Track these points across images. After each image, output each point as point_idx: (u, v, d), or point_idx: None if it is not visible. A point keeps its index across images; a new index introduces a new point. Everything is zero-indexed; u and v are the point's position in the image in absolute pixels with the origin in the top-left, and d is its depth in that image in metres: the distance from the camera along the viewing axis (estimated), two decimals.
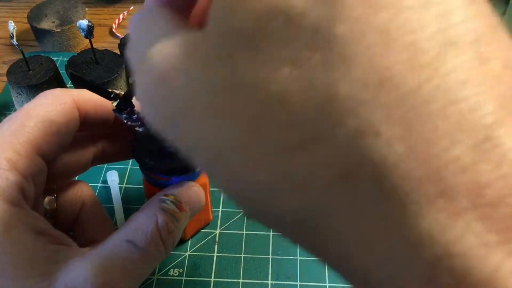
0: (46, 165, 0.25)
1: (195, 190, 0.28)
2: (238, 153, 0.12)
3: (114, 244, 0.23)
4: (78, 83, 0.45)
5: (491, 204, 0.10)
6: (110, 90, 0.27)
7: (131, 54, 0.16)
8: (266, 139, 0.12)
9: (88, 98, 0.27)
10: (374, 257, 0.11)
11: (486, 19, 0.12)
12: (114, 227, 0.31)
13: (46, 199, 0.28)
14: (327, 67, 0.11)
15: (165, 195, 0.26)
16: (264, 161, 0.12)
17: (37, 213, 0.23)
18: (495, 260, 0.10)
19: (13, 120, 0.24)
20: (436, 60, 0.11)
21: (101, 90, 0.27)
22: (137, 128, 0.26)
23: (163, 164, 0.28)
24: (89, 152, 0.30)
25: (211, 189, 0.42)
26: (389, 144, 0.11)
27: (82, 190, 0.30)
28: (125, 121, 0.26)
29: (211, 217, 0.39)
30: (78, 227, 0.30)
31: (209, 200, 0.37)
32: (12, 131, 0.23)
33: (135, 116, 0.26)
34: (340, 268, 0.13)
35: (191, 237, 0.38)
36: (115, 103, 0.26)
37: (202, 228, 0.39)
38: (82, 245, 0.28)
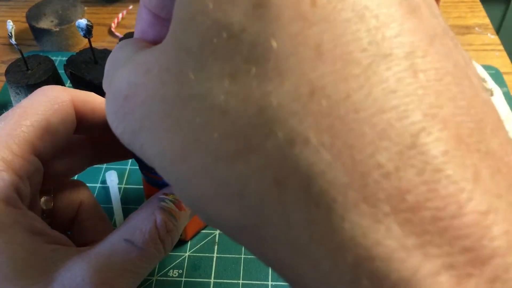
0: (42, 165, 0.25)
1: None
2: (184, 163, 0.13)
3: (112, 243, 0.23)
4: (78, 83, 0.45)
5: (412, 208, 0.11)
6: None
7: (104, 82, 0.17)
8: (208, 149, 0.12)
9: (86, 100, 0.27)
10: (306, 263, 0.12)
11: (426, 30, 0.12)
12: (113, 227, 0.30)
13: (43, 198, 0.28)
14: (262, 80, 0.12)
15: (165, 194, 0.26)
16: (206, 171, 0.13)
17: (33, 213, 0.23)
18: (413, 263, 0.10)
19: (9, 119, 0.24)
20: (367, 71, 0.11)
21: (100, 90, 0.27)
22: None
23: None
24: (86, 152, 0.30)
25: None
26: (317, 152, 0.11)
27: (80, 190, 0.30)
28: None
29: None
30: (76, 227, 0.29)
31: None
32: (8, 131, 0.23)
33: None
34: (282, 274, 0.13)
35: (192, 237, 0.38)
36: None
37: (203, 229, 0.39)
38: (80, 245, 0.28)
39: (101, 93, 0.27)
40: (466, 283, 0.10)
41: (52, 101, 0.25)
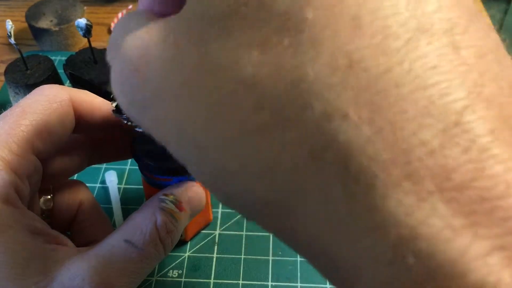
0: (41, 164, 0.25)
1: (195, 190, 0.28)
2: (207, 134, 0.12)
3: (112, 243, 0.23)
4: (77, 83, 0.45)
5: (458, 188, 0.10)
6: (110, 91, 0.26)
7: (109, 50, 0.16)
8: (234, 121, 0.12)
9: (84, 99, 0.26)
10: (340, 240, 0.12)
11: (463, 8, 0.12)
12: (113, 228, 0.30)
13: (42, 198, 0.28)
14: (296, 51, 0.11)
15: (165, 194, 0.26)
16: (231, 143, 0.12)
17: (33, 212, 0.23)
18: (461, 244, 0.10)
19: (8, 118, 0.24)
20: (407, 46, 0.11)
21: (100, 90, 0.27)
22: (137, 129, 0.26)
23: (163, 165, 0.28)
24: (85, 152, 0.30)
25: None
26: (357, 127, 0.11)
27: (79, 190, 0.30)
28: (125, 122, 0.25)
29: (211, 217, 0.39)
30: (75, 227, 0.29)
31: (209, 200, 0.36)
32: (7, 130, 0.23)
33: None
34: (309, 254, 0.13)
35: (192, 238, 0.38)
36: (114, 104, 0.26)
37: (203, 229, 0.39)
38: (80, 245, 0.28)
39: (101, 93, 0.27)
40: None
41: (51, 100, 0.25)
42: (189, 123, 0.13)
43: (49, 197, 0.28)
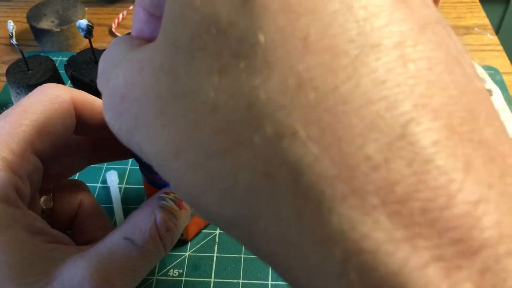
0: (41, 164, 0.25)
1: None
2: (178, 159, 0.13)
3: (112, 242, 0.23)
4: (78, 84, 0.45)
5: (401, 200, 0.11)
6: None
7: (99, 79, 0.17)
8: (200, 144, 0.12)
9: (85, 99, 0.26)
10: (296, 256, 0.12)
11: (416, 19, 0.12)
12: (113, 227, 0.30)
13: (43, 198, 0.28)
14: (251, 74, 0.11)
15: (165, 193, 0.26)
16: (199, 166, 0.13)
17: (33, 212, 0.23)
18: (401, 256, 0.10)
19: (9, 117, 0.24)
20: (355, 62, 0.11)
21: (99, 93, 0.27)
22: None
23: None
24: (85, 152, 0.30)
25: None
26: (305, 145, 0.11)
27: (80, 189, 0.30)
28: None
29: None
30: (76, 227, 0.29)
31: None
32: (8, 130, 0.23)
33: None
34: (275, 268, 0.13)
35: (193, 238, 0.38)
36: None
37: (204, 229, 0.39)
38: (80, 244, 0.28)
39: (102, 96, 0.27)
40: (455, 275, 0.10)
41: (52, 100, 0.25)
42: (164, 148, 0.13)
43: (49, 196, 0.28)
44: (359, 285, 0.11)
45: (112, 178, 0.42)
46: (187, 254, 0.37)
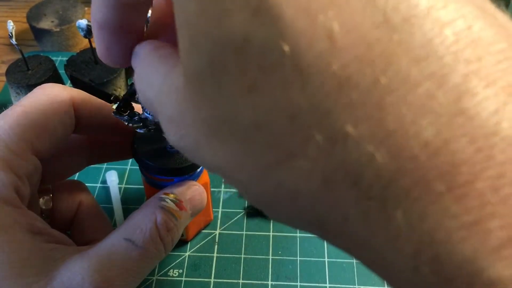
0: (41, 164, 0.25)
1: (196, 189, 0.28)
2: (240, 172, 0.14)
3: (112, 242, 0.23)
4: (78, 85, 0.45)
5: (468, 182, 0.10)
6: (110, 93, 0.27)
7: (141, 100, 0.18)
8: (256, 159, 0.13)
9: (85, 99, 0.26)
10: (368, 254, 0.12)
11: None
12: (113, 227, 0.30)
13: (42, 199, 0.28)
14: (284, 85, 0.11)
15: (165, 193, 0.26)
16: (261, 177, 0.13)
17: (33, 212, 0.23)
18: (475, 241, 0.10)
19: (8, 117, 0.24)
20: (389, 47, 0.10)
21: (100, 92, 0.27)
22: (138, 130, 0.26)
23: (164, 165, 0.28)
24: (84, 152, 0.30)
25: (211, 189, 0.42)
26: (359, 145, 0.11)
27: (79, 189, 0.30)
28: (127, 123, 0.26)
29: (212, 217, 0.39)
30: (75, 227, 0.29)
31: (210, 199, 0.37)
32: (7, 130, 0.23)
33: (136, 118, 0.25)
34: (359, 261, 0.13)
35: (193, 238, 0.38)
36: (115, 106, 0.26)
37: (204, 229, 0.39)
38: (80, 244, 0.28)
39: (101, 93, 0.27)
40: None
41: (52, 100, 0.25)
42: (227, 164, 0.14)
43: (48, 197, 0.28)
44: (434, 277, 0.10)
45: (112, 178, 0.42)
46: (187, 254, 0.37)
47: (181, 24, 0.13)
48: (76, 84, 0.46)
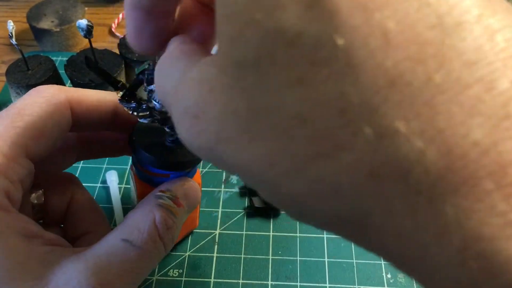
0: (34, 167, 0.24)
1: (191, 185, 0.27)
2: (272, 169, 0.13)
3: (110, 243, 0.23)
4: (78, 85, 0.45)
5: None
6: (119, 80, 0.27)
7: (163, 96, 0.17)
8: (294, 154, 0.12)
9: (81, 98, 0.26)
10: (412, 249, 0.12)
11: None
12: (107, 219, 0.30)
13: (34, 194, 0.27)
14: (336, 80, 0.11)
15: (161, 191, 0.26)
16: (296, 173, 0.13)
17: (25, 215, 0.23)
18: None
19: (3, 120, 0.23)
20: (442, 48, 0.11)
21: (110, 77, 0.27)
22: (142, 120, 0.26)
23: (163, 158, 0.27)
24: (73, 148, 0.29)
25: (211, 189, 0.42)
26: (409, 141, 0.11)
27: (71, 182, 0.30)
28: (131, 111, 0.25)
29: (197, 222, 0.39)
30: (69, 220, 0.29)
31: (198, 206, 0.36)
32: (1, 132, 0.23)
33: (144, 106, 0.25)
34: (388, 259, 0.13)
35: (179, 242, 0.38)
36: (120, 93, 0.26)
37: (188, 234, 0.39)
38: (75, 237, 0.28)
39: (111, 81, 0.27)
40: None
41: (47, 102, 0.24)
42: (254, 161, 0.13)
43: (40, 192, 0.28)
44: (480, 273, 0.11)
45: (112, 178, 0.42)
46: (187, 254, 0.37)
47: (226, 13, 0.13)
48: (76, 84, 0.46)
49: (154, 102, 0.25)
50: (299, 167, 0.13)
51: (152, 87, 0.24)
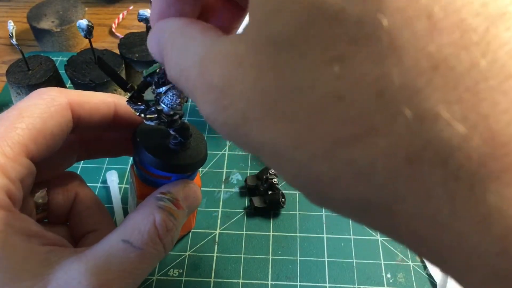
0: (35, 167, 0.24)
1: (191, 187, 0.28)
2: (300, 150, 0.13)
3: (110, 244, 0.23)
4: (78, 85, 0.45)
5: None
6: (128, 82, 0.27)
7: (171, 72, 0.17)
8: (326, 135, 0.12)
9: (82, 100, 0.26)
10: (447, 236, 0.12)
11: None
12: (111, 218, 0.30)
13: (38, 193, 0.28)
14: (377, 60, 0.11)
15: (162, 193, 0.26)
16: (325, 155, 0.12)
17: (26, 215, 0.23)
18: None
19: (4, 121, 0.23)
20: (486, 36, 0.11)
21: (120, 79, 0.27)
22: (149, 122, 0.26)
23: (167, 161, 0.27)
24: (74, 149, 0.30)
25: (211, 189, 0.42)
26: (451, 126, 0.11)
27: (74, 181, 0.30)
28: (138, 113, 0.25)
29: (193, 224, 0.39)
30: (73, 219, 0.29)
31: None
32: (2, 133, 0.23)
33: (153, 109, 0.25)
34: (415, 248, 0.13)
35: (176, 243, 0.38)
36: (128, 95, 0.26)
37: (184, 236, 0.39)
38: (80, 236, 0.28)
39: (120, 83, 0.27)
40: None
41: (49, 104, 0.25)
42: (282, 140, 0.13)
43: (44, 191, 0.28)
44: None
45: (112, 178, 0.42)
46: (187, 254, 0.37)
47: None
48: (76, 84, 0.46)
49: (162, 105, 0.25)
50: (330, 148, 0.12)
51: (161, 89, 0.24)
